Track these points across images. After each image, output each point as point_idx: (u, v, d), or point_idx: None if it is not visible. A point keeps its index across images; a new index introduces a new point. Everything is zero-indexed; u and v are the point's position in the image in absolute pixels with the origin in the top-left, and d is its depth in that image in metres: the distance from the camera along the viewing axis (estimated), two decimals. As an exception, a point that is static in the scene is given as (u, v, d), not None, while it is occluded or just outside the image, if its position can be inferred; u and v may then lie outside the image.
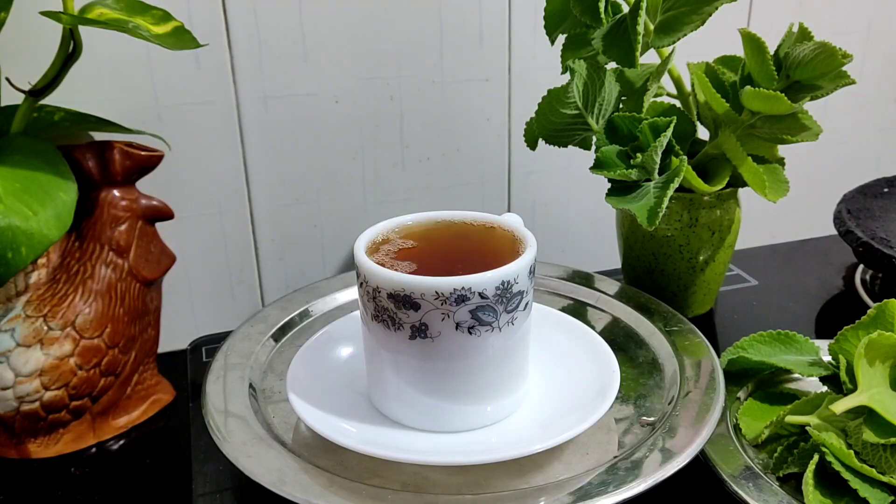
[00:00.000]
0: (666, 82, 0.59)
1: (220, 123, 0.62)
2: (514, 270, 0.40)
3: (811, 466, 0.42)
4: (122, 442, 0.54)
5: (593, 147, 0.57)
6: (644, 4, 0.50)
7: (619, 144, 0.55)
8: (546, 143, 0.59)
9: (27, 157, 0.48)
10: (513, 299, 0.41)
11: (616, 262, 0.68)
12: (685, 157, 0.52)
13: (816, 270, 0.74)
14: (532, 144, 0.61)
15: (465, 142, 0.70)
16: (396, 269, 0.41)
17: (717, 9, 0.51)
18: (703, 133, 0.60)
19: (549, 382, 0.48)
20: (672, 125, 0.52)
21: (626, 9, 0.53)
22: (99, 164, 0.52)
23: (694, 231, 0.60)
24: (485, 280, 0.39)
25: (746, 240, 0.73)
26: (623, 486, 0.39)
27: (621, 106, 0.57)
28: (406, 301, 0.39)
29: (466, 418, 0.43)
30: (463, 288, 0.39)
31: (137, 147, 0.53)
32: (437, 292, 0.39)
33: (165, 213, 0.55)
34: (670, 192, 0.50)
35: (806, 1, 0.75)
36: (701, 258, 0.61)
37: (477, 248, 0.44)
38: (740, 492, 0.42)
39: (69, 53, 0.49)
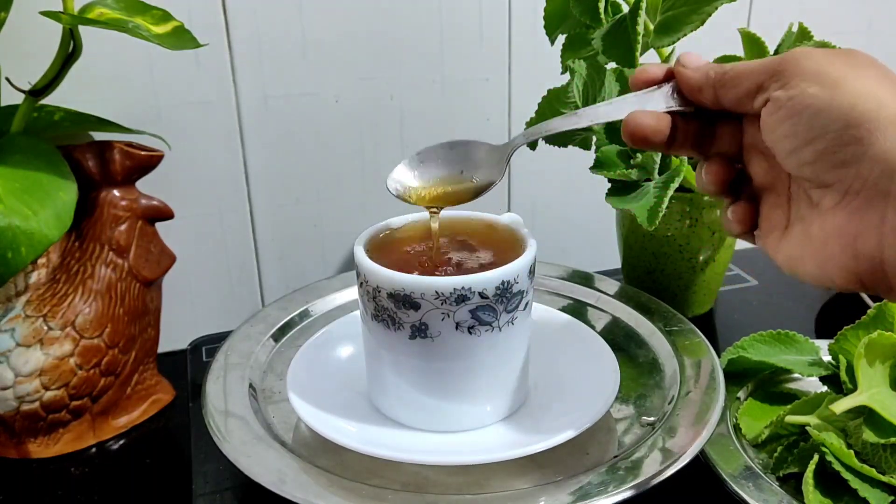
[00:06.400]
0: (666, 82, 0.59)
1: (220, 123, 0.62)
2: (514, 270, 0.40)
3: (811, 466, 0.42)
4: (122, 442, 0.54)
5: (593, 147, 0.57)
6: (644, 4, 0.50)
7: (618, 144, 0.55)
8: (546, 143, 0.59)
9: (27, 157, 0.48)
10: (513, 299, 0.41)
11: (616, 262, 0.68)
12: (685, 157, 0.52)
13: (816, 270, 0.74)
14: (532, 144, 0.61)
15: (465, 142, 0.69)
16: (396, 269, 0.41)
17: (716, 9, 0.51)
18: (703, 133, 0.60)
19: (549, 382, 0.47)
20: (672, 125, 0.52)
21: (626, 9, 0.53)
22: (99, 164, 0.52)
23: (694, 231, 0.60)
24: (485, 280, 0.39)
25: (746, 240, 0.73)
26: (623, 486, 0.39)
27: (621, 106, 0.57)
28: (406, 301, 0.39)
29: (466, 418, 0.43)
30: (463, 288, 0.39)
31: (137, 147, 0.53)
32: (437, 292, 0.39)
33: (165, 213, 0.55)
34: (670, 192, 0.50)
35: (806, 1, 0.75)
36: (701, 258, 0.61)
37: (477, 248, 0.44)
38: (740, 492, 0.42)
39: (69, 53, 0.49)
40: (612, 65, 0.54)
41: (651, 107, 0.37)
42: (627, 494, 0.38)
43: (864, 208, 0.31)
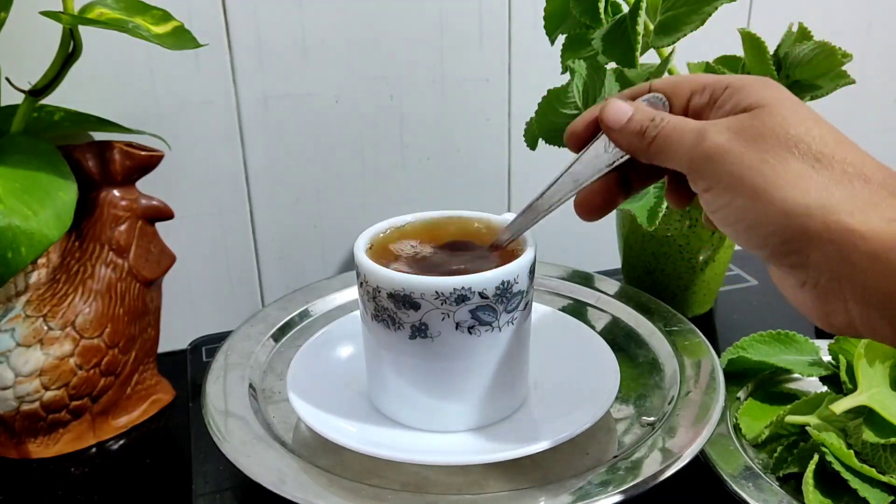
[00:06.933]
0: (666, 82, 0.59)
1: (220, 123, 0.62)
2: (514, 270, 0.40)
3: (811, 466, 0.42)
4: (122, 442, 0.54)
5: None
6: (644, 4, 0.50)
7: (619, 144, 0.55)
8: (546, 143, 0.59)
9: (27, 157, 0.48)
10: (513, 299, 0.41)
11: (616, 262, 0.68)
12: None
13: (816, 270, 0.74)
14: (532, 144, 0.61)
15: (465, 142, 0.70)
16: (396, 269, 0.41)
17: (716, 9, 0.51)
18: (703, 133, 0.60)
19: (550, 382, 0.47)
20: (672, 125, 0.52)
21: (626, 9, 0.53)
22: (99, 164, 0.52)
23: (694, 231, 0.60)
24: (485, 280, 0.39)
25: (746, 240, 0.73)
26: (623, 486, 0.39)
27: (621, 106, 0.57)
28: (406, 301, 0.39)
29: (466, 418, 0.43)
30: (463, 288, 0.39)
31: (137, 147, 0.53)
32: (437, 292, 0.39)
33: (165, 213, 0.55)
34: (670, 192, 0.50)
35: (806, 1, 0.75)
36: (701, 258, 0.61)
37: (477, 248, 0.44)
38: (740, 492, 0.42)
39: (69, 53, 0.49)
40: (612, 65, 0.54)
41: (596, 168, 0.37)
42: (627, 494, 0.38)
43: (826, 297, 0.30)
